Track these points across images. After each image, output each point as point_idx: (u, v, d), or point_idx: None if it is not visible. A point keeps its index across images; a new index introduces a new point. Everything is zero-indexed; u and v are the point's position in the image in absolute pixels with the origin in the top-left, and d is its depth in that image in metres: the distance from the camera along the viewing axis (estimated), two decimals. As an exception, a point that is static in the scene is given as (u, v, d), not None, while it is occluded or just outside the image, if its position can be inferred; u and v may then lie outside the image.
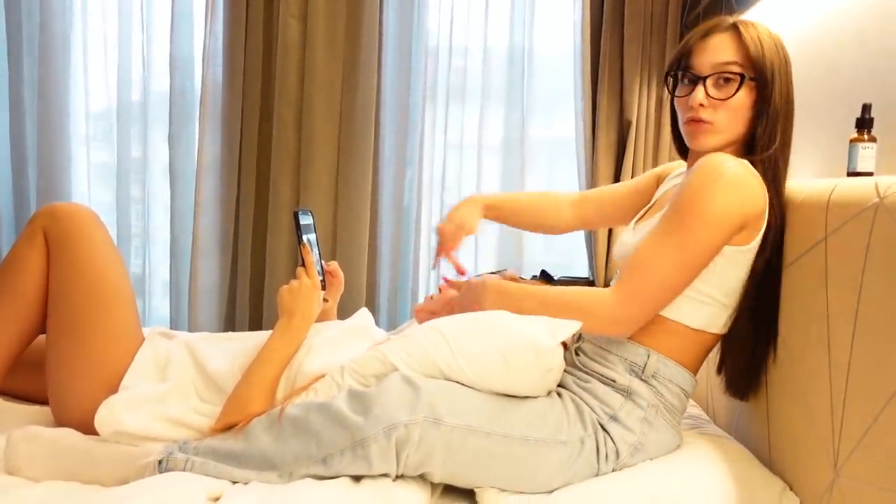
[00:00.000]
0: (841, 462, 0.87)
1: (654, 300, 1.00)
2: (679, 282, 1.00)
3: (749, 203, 0.99)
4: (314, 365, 1.12)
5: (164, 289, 2.34)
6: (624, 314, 0.99)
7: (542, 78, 2.17)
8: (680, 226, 0.97)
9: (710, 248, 0.99)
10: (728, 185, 0.97)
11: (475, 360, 1.01)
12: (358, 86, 2.10)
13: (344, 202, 2.13)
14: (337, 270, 1.33)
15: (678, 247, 0.97)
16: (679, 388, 1.07)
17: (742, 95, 1.04)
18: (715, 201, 0.96)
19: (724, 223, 0.98)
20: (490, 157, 2.21)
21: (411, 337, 1.06)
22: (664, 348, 1.06)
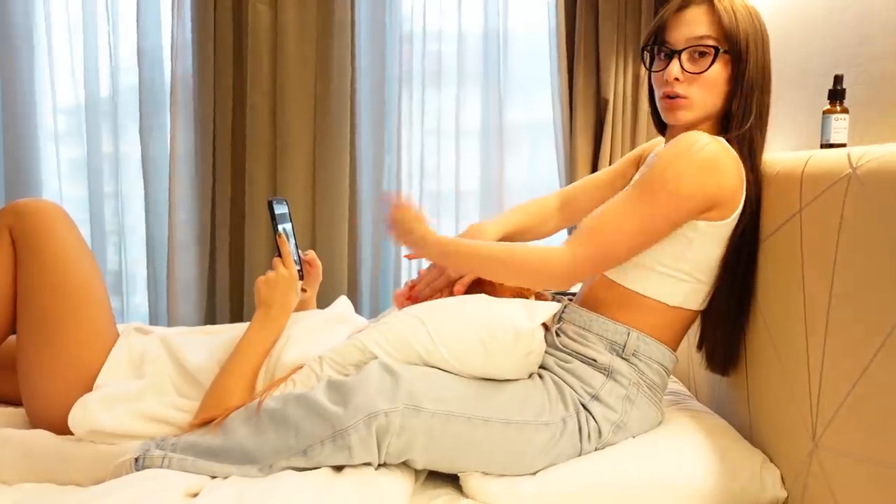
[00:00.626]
0: (819, 433, 0.88)
1: (606, 261, 1.01)
2: (634, 247, 1.00)
3: (721, 183, 0.99)
4: (293, 355, 1.11)
5: (143, 285, 2.31)
6: (576, 275, 1.00)
7: (518, 60, 2.15)
8: (646, 194, 0.97)
9: (673, 221, 0.99)
10: (700, 165, 0.96)
11: (455, 345, 1.01)
12: (332, 73, 2.08)
13: (322, 190, 2.11)
14: (314, 259, 1.32)
15: (642, 214, 0.97)
16: (660, 364, 1.08)
17: (717, 69, 1.03)
18: (685, 177, 0.96)
19: (691, 200, 0.98)
20: (469, 142, 2.19)
21: (390, 324, 1.05)
22: (644, 326, 1.06)
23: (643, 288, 1.05)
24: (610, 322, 1.06)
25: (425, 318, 1.03)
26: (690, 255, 1.03)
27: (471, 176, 2.19)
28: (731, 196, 1.00)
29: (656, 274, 1.04)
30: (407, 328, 1.03)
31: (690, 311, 1.08)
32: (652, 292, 1.05)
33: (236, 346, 1.12)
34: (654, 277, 1.04)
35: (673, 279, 1.04)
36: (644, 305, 1.06)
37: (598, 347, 1.06)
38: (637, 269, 1.05)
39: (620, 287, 1.07)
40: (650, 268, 1.04)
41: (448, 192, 2.21)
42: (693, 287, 1.06)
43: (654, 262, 1.03)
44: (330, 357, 1.04)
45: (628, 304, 1.06)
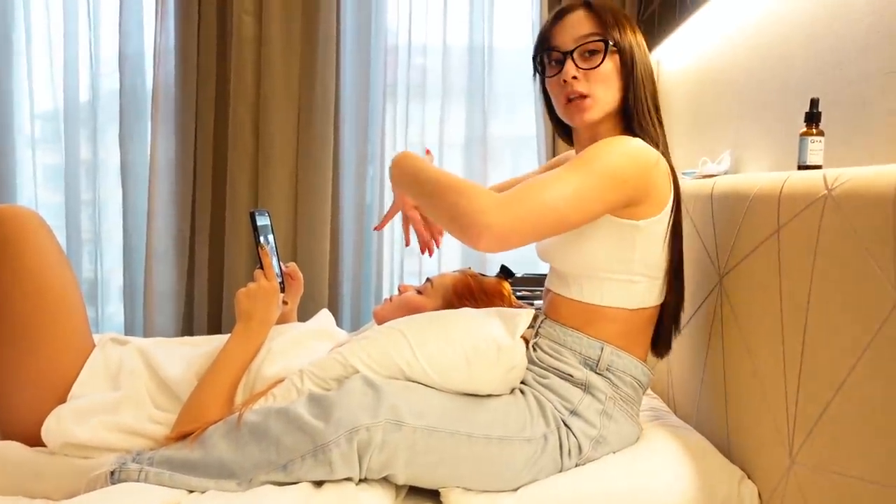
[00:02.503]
0: (796, 449, 0.90)
1: (531, 219, 0.91)
2: (568, 213, 0.94)
3: (653, 176, 1.01)
4: (273, 369, 1.10)
5: (119, 294, 2.28)
6: (497, 217, 0.89)
7: (503, 75, 2.18)
8: (580, 168, 0.97)
9: (605, 200, 0.98)
10: (634, 156, 0.99)
11: (437, 360, 1.01)
12: (316, 84, 2.08)
13: (304, 201, 2.11)
14: (296, 272, 1.31)
15: (576, 184, 0.95)
16: (633, 378, 1.09)
17: (609, 64, 1.07)
18: (620, 164, 0.98)
19: (625, 185, 0.99)
20: (452, 155, 2.21)
21: (372, 338, 1.05)
22: (613, 336, 1.08)
23: (600, 299, 1.07)
24: (584, 337, 1.08)
25: (407, 331, 1.03)
26: (637, 255, 1.05)
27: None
28: (663, 190, 1.04)
29: (609, 282, 1.06)
30: (389, 342, 1.03)
31: (650, 308, 1.10)
32: (610, 300, 1.07)
33: (215, 359, 1.11)
34: (608, 286, 1.06)
35: (626, 283, 1.06)
36: (607, 316, 1.07)
37: (572, 362, 1.07)
38: (591, 281, 1.06)
39: (579, 303, 1.08)
40: (602, 278, 1.06)
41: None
42: (647, 285, 1.08)
43: (605, 272, 1.05)
44: (311, 371, 1.04)
45: (592, 317, 1.07)
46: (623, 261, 1.05)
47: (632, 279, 1.06)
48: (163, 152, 2.10)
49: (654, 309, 1.11)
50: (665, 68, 1.92)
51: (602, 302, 1.07)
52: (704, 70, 1.65)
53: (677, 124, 1.80)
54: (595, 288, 1.07)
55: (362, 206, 2.18)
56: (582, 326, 1.08)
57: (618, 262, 1.05)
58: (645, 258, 1.06)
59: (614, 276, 1.06)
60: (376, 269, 2.22)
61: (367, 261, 2.21)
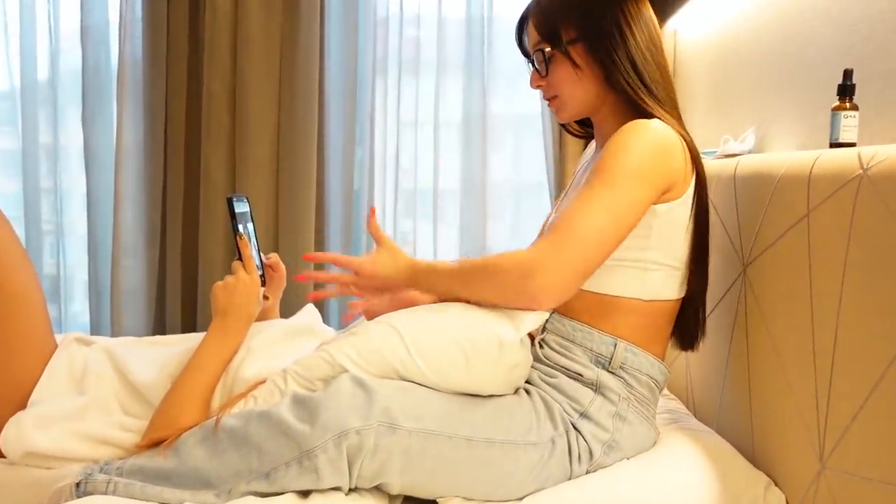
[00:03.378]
0: (827, 453, 0.90)
1: (577, 263, 0.98)
2: (610, 236, 1.00)
3: (674, 162, 1.04)
4: (253, 369, 1.10)
5: (84, 291, 2.28)
6: (544, 277, 0.96)
7: (504, 48, 2.17)
8: (605, 181, 1.00)
9: (637, 205, 1.02)
10: (653, 145, 1.02)
11: (434, 357, 1.01)
12: (298, 58, 2.07)
13: (286, 187, 2.10)
14: (278, 263, 1.31)
15: (607, 203, 0.99)
16: (649, 377, 1.09)
17: (560, 68, 1.13)
18: (641, 159, 1.01)
19: (651, 181, 1.02)
20: (448, 135, 2.20)
21: (361, 334, 1.05)
22: (626, 331, 1.08)
23: (612, 288, 1.08)
24: (595, 332, 1.08)
25: (401, 327, 1.03)
26: (653, 241, 1.06)
27: (451, 173, 2.20)
28: (684, 174, 1.06)
29: (621, 270, 1.07)
30: (381, 339, 1.03)
31: (669, 301, 1.11)
32: (622, 290, 1.08)
33: (190, 359, 1.11)
34: (620, 274, 1.07)
35: (639, 270, 1.07)
36: (620, 308, 1.08)
37: (582, 360, 1.08)
38: (601, 269, 1.06)
39: (589, 294, 1.09)
40: (613, 265, 1.06)
41: (425, 190, 2.22)
42: (664, 275, 1.08)
43: (616, 258, 1.06)
44: (295, 371, 1.04)
45: (603, 310, 1.08)
46: (637, 247, 1.05)
47: (647, 267, 1.07)
48: (130, 134, 2.08)
49: (674, 303, 1.11)
50: (683, 38, 1.91)
51: (614, 291, 1.08)
52: (726, 39, 1.64)
53: (696, 99, 1.79)
54: (606, 276, 1.07)
55: (350, 191, 2.18)
56: (593, 320, 1.09)
57: (631, 249, 1.05)
58: (662, 245, 1.06)
59: (626, 263, 1.06)
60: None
61: (357, 251, 2.21)
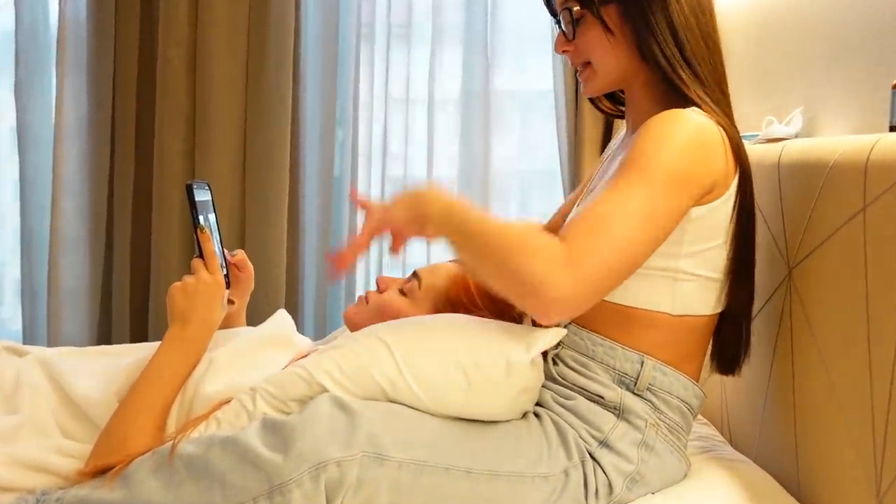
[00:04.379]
0: (885, 487, 0.90)
1: (603, 276, 0.96)
2: (644, 247, 0.99)
3: (716, 160, 1.03)
4: (216, 386, 1.10)
5: (15, 292, 2.27)
6: (565, 288, 0.92)
7: (511, 13, 2.17)
8: (639, 175, 0.99)
9: (673, 210, 1.00)
10: (693, 142, 1.01)
11: (429, 377, 1.01)
12: (269, 22, 2.07)
13: (255, 173, 2.10)
14: (245, 262, 1.31)
15: (648, 203, 0.98)
16: (681, 401, 1.09)
17: (590, 30, 1.12)
18: (679, 159, 0.99)
19: (689, 184, 1.01)
20: (445, 115, 2.21)
21: (344, 348, 1.05)
22: (656, 348, 1.08)
23: (637, 299, 1.07)
24: (619, 347, 1.08)
25: (391, 341, 1.03)
26: (685, 248, 1.05)
27: (447, 159, 2.20)
28: (725, 172, 1.05)
29: (647, 279, 1.06)
30: (367, 354, 1.03)
31: (702, 317, 1.10)
32: (647, 302, 1.07)
33: (142, 374, 1.11)
34: (646, 284, 1.06)
35: (668, 280, 1.06)
36: (642, 321, 1.08)
37: (603, 380, 1.08)
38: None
39: (611, 304, 1.08)
40: (638, 273, 1.05)
41: (418, 179, 2.21)
42: (698, 287, 1.08)
43: (646, 265, 1.04)
44: (265, 389, 1.04)
45: (628, 322, 1.08)
46: (666, 254, 1.05)
47: (677, 277, 1.06)
48: (71, 109, 2.07)
49: (709, 319, 1.11)
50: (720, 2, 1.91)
51: (636, 302, 1.07)
52: (770, 4, 1.64)
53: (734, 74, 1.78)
54: (628, 284, 1.06)
55: (329, 178, 2.17)
56: (616, 334, 1.08)
57: (658, 255, 1.04)
58: (696, 253, 1.06)
59: (653, 272, 1.06)
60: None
61: (336, 247, 2.21)
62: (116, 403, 1.11)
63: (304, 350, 1.26)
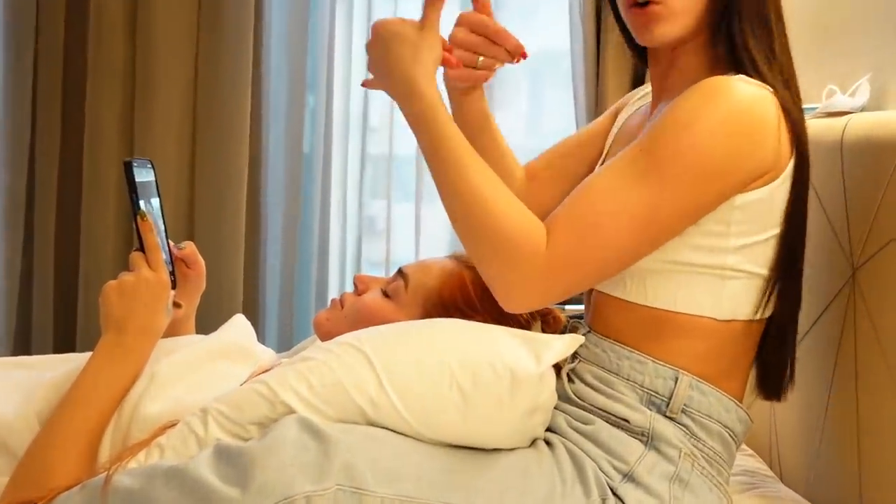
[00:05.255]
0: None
1: (593, 274, 1.05)
2: (639, 250, 1.02)
3: (767, 143, 1.02)
4: (159, 406, 1.10)
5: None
6: (552, 272, 1.00)
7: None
8: (652, 164, 0.99)
9: (689, 212, 1.01)
10: (736, 124, 1.00)
11: (417, 395, 1.01)
12: (226, -38, 2.07)
13: (207, 149, 2.10)
14: (195, 257, 1.31)
15: (652, 198, 0.98)
16: (722, 426, 1.09)
17: None
18: (711, 148, 0.99)
19: (724, 178, 1.01)
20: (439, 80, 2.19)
21: (315, 360, 1.04)
22: (694, 362, 1.08)
23: (676, 301, 1.07)
24: (649, 361, 1.08)
25: (372, 351, 1.03)
26: (732, 241, 1.05)
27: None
28: (778, 155, 1.04)
29: (688, 277, 1.06)
30: (342, 367, 1.03)
31: (749, 322, 1.10)
32: (689, 305, 1.07)
33: (69, 391, 1.11)
34: (687, 283, 1.06)
35: (714, 279, 1.06)
36: (684, 328, 1.08)
37: (629, 400, 1.08)
38: (658, 273, 1.06)
39: (640, 308, 1.08)
40: (677, 270, 1.06)
41: (405, 157, 2.21)
42: (744, 285, 1.08)
43: (681, 261, 1.05)
44: (219, 410, 1.03)
45: (661, 330, 1.08)
46: (712, 248, 1.05)
47: (724, 274, 1.06)
48: (-18, 69, 2.08)
49: (757, 325, 1.11)
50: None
51: (677, 306, 1.07)
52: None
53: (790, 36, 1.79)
54: (665, 284, 1.07)
55: (297, 155, 2.18)
56: (646, 344, 1.08)
57: (702, 249, 1.05)
58: (745, 246, 1.06)
59: (696, 268, 1.06)
60: (319, 252, 2.21)
61: (305, 240, 2.21)
62: (38, 427, 1.11)
63: (267, 364, 1.26)
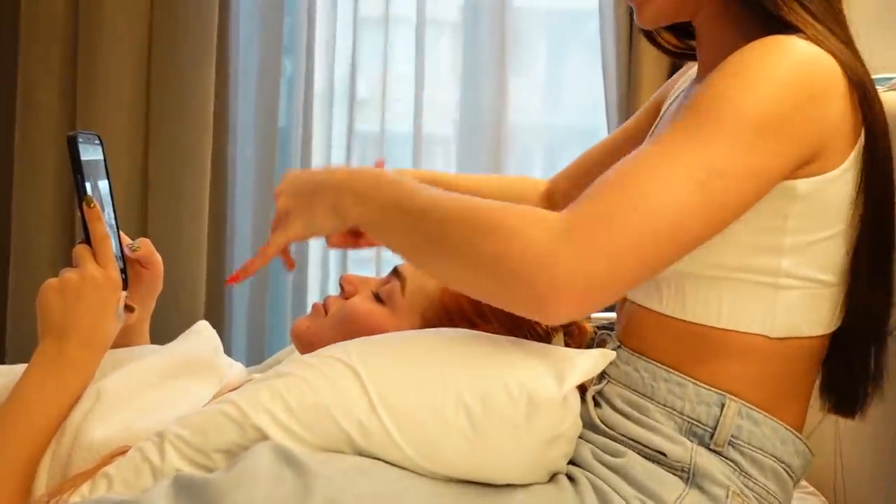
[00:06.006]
0: None
1: (638, 243, 0.95)
2: (693, 222, 0.97)
3: (833, 108, 1.02)
4: (106, 430, 1.10)
5: None
6: (568, 263, 0.93)
7: None
8: (704, 129, 0.98)
9: (755, 175, 1.00)
10: (788, 79, 1.00)
11: (416, 420, 1.01)
12: None
13: (162, 121, 2.12)
14: (150, 254, 1.30)
15: (700, 161, 0.97)
16: (777, 460, 1.10)
17: None
18: (769, 102, 0.98)
19: (786, 141, 1.00)
20: (440, 43, 2.21)
21: (293, 377, 1.04)
22: (742, 385, 1.08)
23: (717, 315, 1.07)
24: (689, 383, 1.08)
25: (362, 366, 1.03)
26: (788, 241, 1.05)
27: (442, 107, 2.19)
28: (844, 129, 1.04)
29: (734, 286, 1.06)
30: (326, 385, 1.03)
31: (811, 339, 1.10)
32: (734, 319, 1.07)
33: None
34: (733, 293, 1.06)
35: (765, 289, 1.06)
36: (726, 347, 1.08)
37: (667, 429, 1.08)
38: (700, 283, 1.07)
39: (681, 323, 1.09)
40: (721, 278, 1.06)
41: (399, 135, 2.22)
42: (804, 295, 1.08)
43: (728, 267, 1.06)
44: (178, 435, 1.03)
45: (704, 348, 1.08)
46: (763, 249, 1.05)
47: (777, 282, 1.06)
48: None
49: (821, 341, 1.12)
50: None
51: (721, 321, 1.07)
52: None
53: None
54: (707, 294, 1.07)
55: (271, 131, 2.19)
56: (687, 364, 1.09)
57: (752, 250, 1.05)
58: (803, 245, 1.06)
59: (743, 274, 1.06)
60: (296, 247, 2.22)
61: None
62: (-38, 452, 1.11)
63: (235, 380, 1.26)
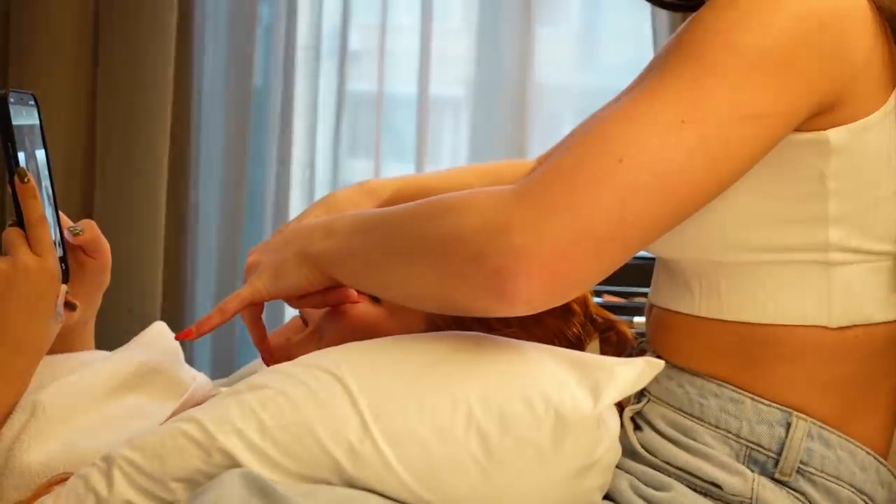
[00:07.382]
0: None
1: (613, 203, 0.95)
2: (684, 176, 0.97)
3: (857, 37, 1.03)
4: (43, 452, 1.12)
5: None
6: (532, 220, 0.94)
7: None
8: (692, 61, 0.99)
9: (764, 115, 1.00)
10: (807, 13, 1.00)
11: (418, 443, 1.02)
12: None
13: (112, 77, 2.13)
14: (96, 240, 1.31)
15: (690, 99, 0.97)
16: (857, 491, 1.10)
17: None
18: (776, 30, 0.99)
19: (798, 75, 1.00)
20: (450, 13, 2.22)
21: (269, 389, 1.05)
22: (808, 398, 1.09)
23: (760, 307, 1.08)
24: (746, 398, 1.09)
25: (353, 378, 1.03)
26: (831, 204, 1.05)
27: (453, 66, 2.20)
28: (875, 64, 1.05)
29: (775, 267, 1.07)
30: (310, 401, 1.03)
31: (882, 326, 1.11)
32: (781, 311, 1.08)
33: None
34: (776, 276, 1.07)
35: (813, 266, 1.07)
36: (779, 348, 1.09)
37: (721, 456, 1.08)
38: (731, 270, 1.08)
39: (729, 325, 1.10)
40: (758, 259, 1.07)
41: (401, 97, 2.24)
42: (864, 271, 1.08)
43: (763, 240, 1.07)
44: (129, 460, 1.04)
45: (752, 354, 1.09)
46: (800, 216, 1.06)
47: (827, 258, 1.07)
48: None
49: (890, 329, 1.12)
50: None
51: (767, 315, 1.08)
52: None
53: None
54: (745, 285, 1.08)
55: (244, 91, 2.20)
56: (740, 374, 1.09)
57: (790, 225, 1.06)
58: (852, 211, 1.06)
59: (786, 256, 1.07)
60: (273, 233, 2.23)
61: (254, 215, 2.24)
62: None
63: (198, 394, 1.27)
